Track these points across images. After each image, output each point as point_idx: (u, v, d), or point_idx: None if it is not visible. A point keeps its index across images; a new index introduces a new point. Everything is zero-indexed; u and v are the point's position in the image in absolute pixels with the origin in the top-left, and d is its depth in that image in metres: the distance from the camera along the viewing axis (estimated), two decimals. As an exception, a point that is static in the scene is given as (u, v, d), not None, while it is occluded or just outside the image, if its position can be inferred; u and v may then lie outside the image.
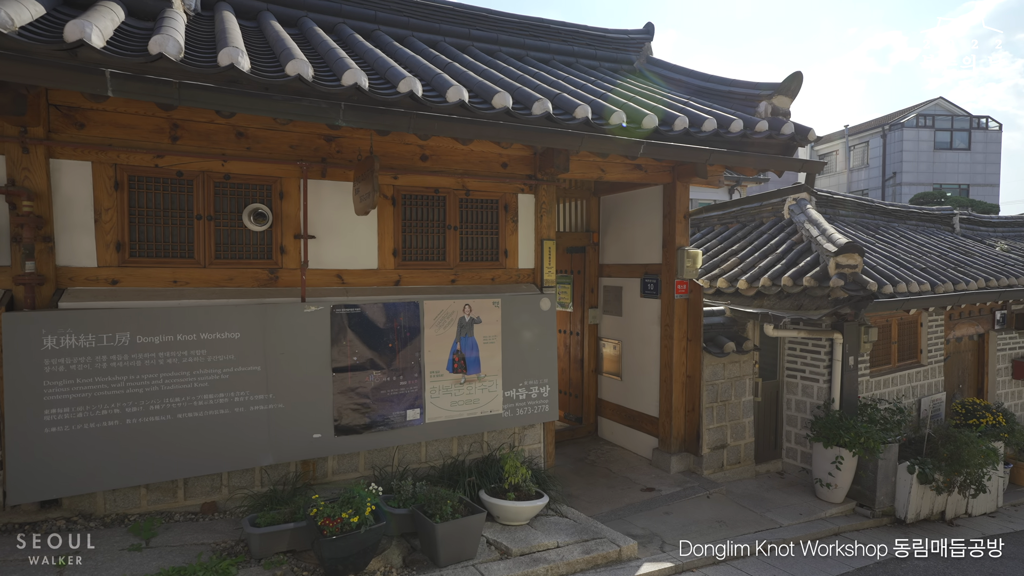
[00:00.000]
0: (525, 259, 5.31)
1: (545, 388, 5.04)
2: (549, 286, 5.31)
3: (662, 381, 6.34)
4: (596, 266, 7.39)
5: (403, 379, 4.43)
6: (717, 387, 6.24)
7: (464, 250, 5.04)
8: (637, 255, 6.77)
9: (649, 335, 6.57)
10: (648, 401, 6.61)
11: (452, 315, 4.64)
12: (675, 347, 6.15)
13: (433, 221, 4.91)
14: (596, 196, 7.35)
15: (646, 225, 6.61)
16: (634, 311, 6.83)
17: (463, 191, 5.01)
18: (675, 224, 6.12)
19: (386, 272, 4.69)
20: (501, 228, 5.18)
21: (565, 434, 7.30)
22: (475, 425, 4.75)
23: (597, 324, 7.42)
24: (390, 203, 4.69)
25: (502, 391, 4.84)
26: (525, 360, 4.95)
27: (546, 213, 5.32)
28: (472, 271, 5.04)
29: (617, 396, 7.15)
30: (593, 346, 7.42)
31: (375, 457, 4.57)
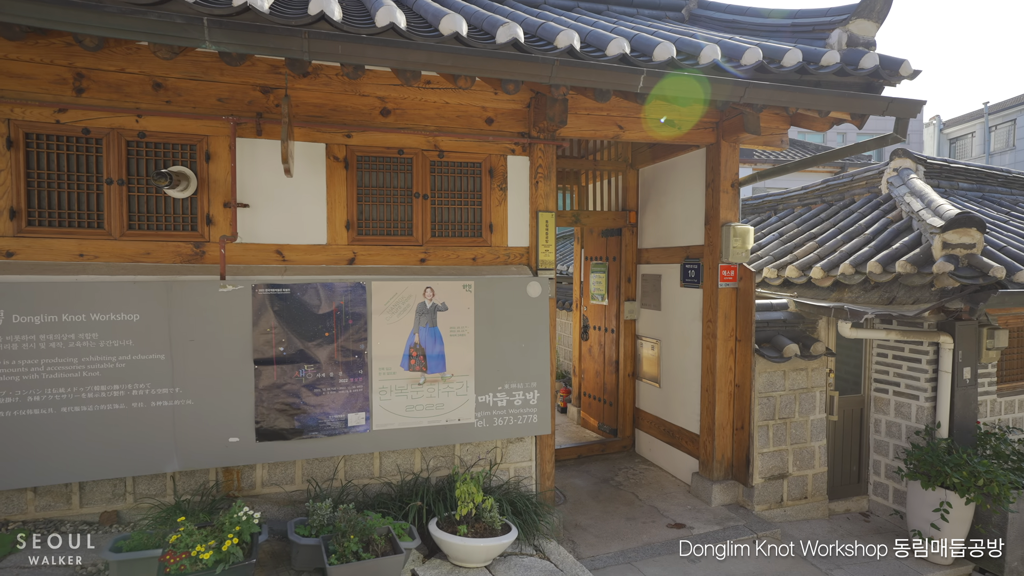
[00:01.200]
0: (516, 235, 4.36)
1: (533, 394, 4.06)
2: (547, 268, 4.32)
3: (703, 390, 5.12)
4: (633, 251, 6.25)
5: (344, 376, 3.65)
6: (775, 400, 4.92)
7: (437, 224, 4.18)
8: (677, 236, 5.57)
9: (690, 333, 5.36)
10: (688, 414, 5.39)
11: (409, 300, 3.80)
12: (719, 348, 4.92)
13: (397, 189, 4.10)
14: (634, 168, 6.22)
15: (687, 199, 5.40)
16: (673, 304, 5.64)
17: (435, 152, 4.15)
18: (719, 195, 4.88)
19: (337, 249, 3.94)
20: (485, 198, 4.27)
21: (595, 448, 6.22)
22: (439, 436, 3.87)
23: (635, 320, 6.27)
24: (342, 166, 3.93)
25: (474, 396, 3.93)
26: (506, 359, 4.01)
27: (543, 179, 4.34)
28: (447, 249, 4.17)
29: (655, 406, 5.97)
30: (630, 346, 6.28)
31: (315, 469, 3.83)
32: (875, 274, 4.77)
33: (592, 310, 6.88)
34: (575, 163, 6.00)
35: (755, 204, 8.56)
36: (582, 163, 6.03)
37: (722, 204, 4.89)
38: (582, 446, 6.20)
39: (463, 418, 3.90)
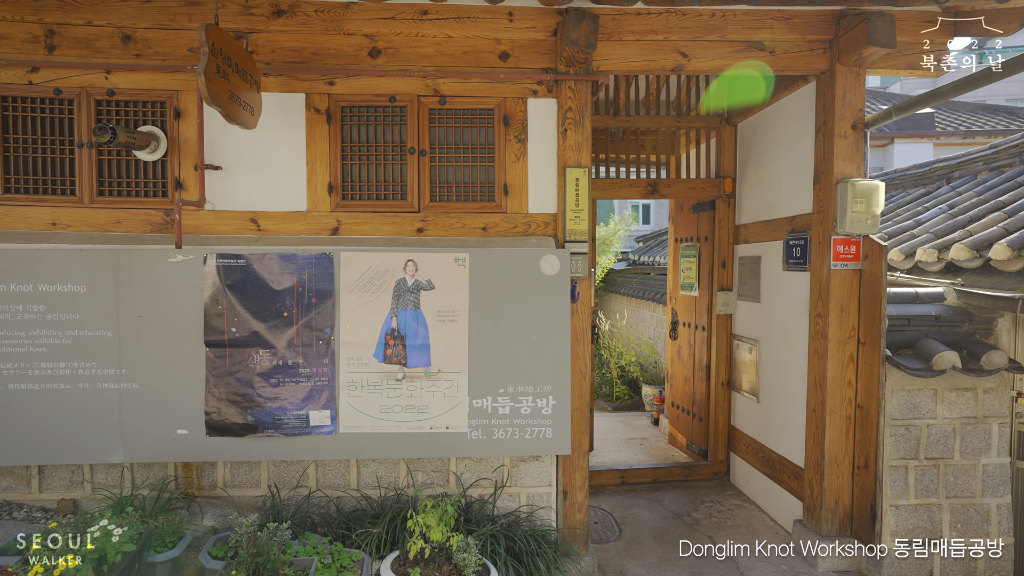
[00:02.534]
0: (539, 199, 3.45)
1: (546, 401, 3.14)
2: (577, 240, 3.36)
3: (809, 410, 3.76)
4: (729, 228, 4.95)
5: (305, 365, 3.05)
6: (919, 432, 3.43)
7: (438, 186, 3.43)
8: (781, 204, 4.23)
9: (794, 333, 4.01)
10: (791, 439, 4.05)
11: (386, 275, 3.09)
12: (831, 354, 3.55)
13: (389, 144, 3.42)
14: (730, 124, 4.92)
15: (793, 153, 4.06)
16: (775, 293, 4.30)
17: (435, 98, 3.40)
18: (833, 141, 3.52)
19: (318, 217, 3.36)
20: (499, 152, 3.43)
21: (676, 472, 5.04)
22: (420, 446, 3.11)
23: (730, 315, 4.97)
24: (323, 119, 3.35)
25: (467, 398, 3.11)
26: (510, 354, 3.13)
27: (574, 126, 3.38)
28: (450, 216, 3.41)
29: (753, 425, 4.64)
30: (725, 348, 4.99)
31: (282, 472, 3.28)
32: (1097, 249, 3.10)
33: (682, 303, 5.66)
34: (651, 120, 4.88)
35: (920, 174, 6.62)
36: (662, 120, 4.89)
37: (837, 153, 3.52)
38: (659, 468, 5.05)
39: (452, 426, 3.10)
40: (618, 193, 4.83)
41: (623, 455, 5.72)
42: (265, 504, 3.24)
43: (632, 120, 4.89)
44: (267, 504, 3.23)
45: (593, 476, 4.93)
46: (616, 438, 6.33)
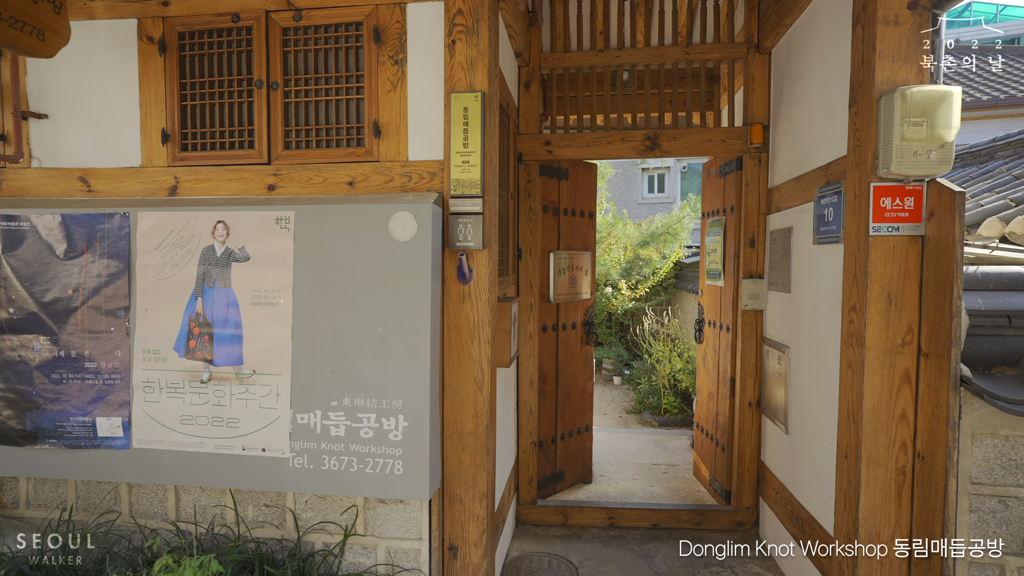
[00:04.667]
0: (423, 142, 2.51)
1: (395, 421, 2.19)
2: (466, 195, 2.38)
3: (840, 454, 2.46)
4: (760, 193, 3.65)
5: (92, 357, 2.36)
6: None
7: (294, 130, 2.61)
8: (814, 150, 2.92)
9: (826, 336, 2.71)
10: (821, 493, 2.74)
11: (190, 241, 2.32)
12: (870, 370, 2.25)
13: (235, 79, 2.64)
14: (762, 52, 3.60)
15: (829, 70, 2.75)
16: (805, 279, 3.00)
17: (289, 12, 2.58)
18: (875, 31, 2.22)
19: (153, 173, 2.67)
20: (368, 79, 2.54)
21: (683, 517, 3.81)
22: (230, 472, 2.30)
23: (760, 311, 3.66)
24: (156, 50, 2.65)
25: (290, 412, 2.25)
26: (348, 351, 2.23)
27: (465, 36, 2.41)
28: (308, 169, 2.57)
29: (782, 466, 3.33)
30: (753, 356, 3.69)
31: (92, 493, 2.62)
32: None
33: (708, 296, 4.37)
34: (650, 54, 3.69)
35: None
36: (665, 53, 3.68)
37: (881, 50, 2.21)
38: (662, 510, 3.85)
39: (270, 447, 2.26)
40: (606, 151, 3.71)
41: (635, 486, 4.55)
42: (73, 528, 2.61)
43: (625, 55, 3.74)
44: (73, 529, 2.59)
45: (575, 513, 3.86)
46: (637, 463, 5.14)
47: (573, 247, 4.22)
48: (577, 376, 4.32)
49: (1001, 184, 4.51)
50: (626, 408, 7.61)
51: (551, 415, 4.13)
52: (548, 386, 4.09)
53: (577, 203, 4.24)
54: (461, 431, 2.45)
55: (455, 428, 2.46)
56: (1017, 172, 4.59)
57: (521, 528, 3.84)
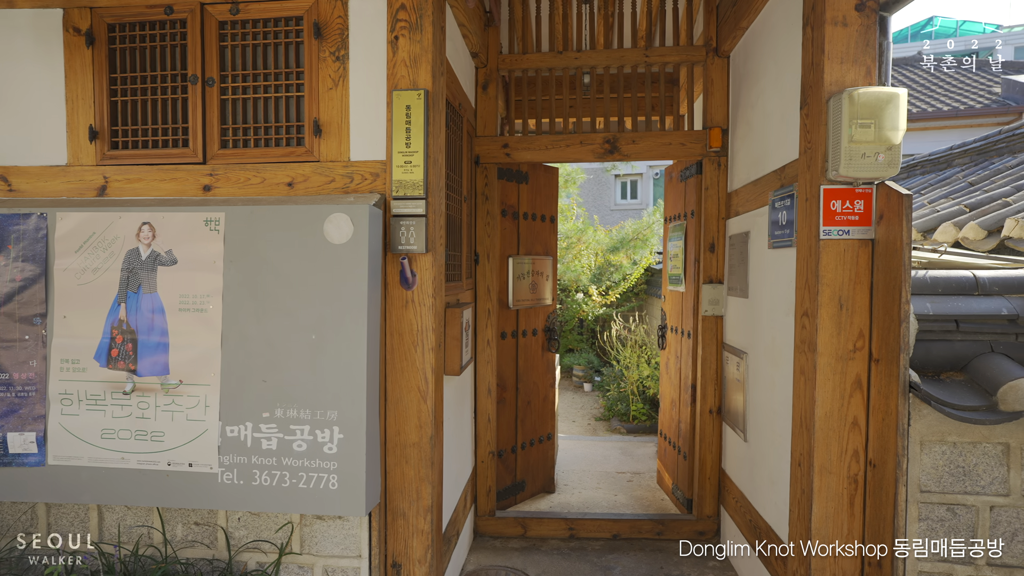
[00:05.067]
0: (366, 142, 2.41)
1: (330, 433, 2.07)
2: (408, 197, 2.28)
3: (794, 463, 2.42)
4: (719, 197, 3.62)
5: (5, 367, 2.19)
6: (976, 517, 2.01)
7: (231, 128, 2.48)
8: (769, 153, 2.90)
9: (781, 343, 2.68)
10: (778, 502, 2.70)
11: (113, 244, 2.18)
12: (822, 376, 2.21)
13: (168, 74, 2.51)
14: (720, 56, 3.58)
15: (783, 72, 2.73)
16: (761, 283, 2.97)
17: (226, 4, 2.46)
18: (824, 32, 2.19)
19: (81, 172, 2.52)
20: (309, 76, 2.43)
21: (644, 527, 3.74)
22: (154, 489, 2.16)
23: (720, 316, 3.62)
24: (83, 42, 2.51)
25: (219, 424, 2.12)
26: (280, 360, 2.10)
27: (408, 32, 2.32)
28: (246, 169, 2.45)
29: (741, 474, 3.29)
30: (713, 362, 3.65)
31: (5, 515, 2.44)
32: None
33: (670, 301, 4.33)
34: (609, 56, 3.64)
35: (979, 148, 4.88)
36: (624, 55, 3.64)
37: (830, 51, 2.18)
38: (623, 520, 3.77)
39: (197, 462, 2.12)
40: (564, 154, 3.65)
41: (599, 495, 4.47)
42: None
43: (584, 57, 3.69)
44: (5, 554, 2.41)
45: (534, 524, 3.76)
46: (603, 471, 5.07)
47: (533, 252, 4.14)
48: (538, 384, 4.24)
49: (957, 191, 4.58)
50: (595, 415, 7.55)
51: (511, 424, 4.03)
52: (508, 394, 3.99)
53: (537, 207, 4.17)
54: (404, 442, 2.35)
55: (398, 439, 2.35)
56: (972, 179, 4.67)
57: (479, 541, 3.73)
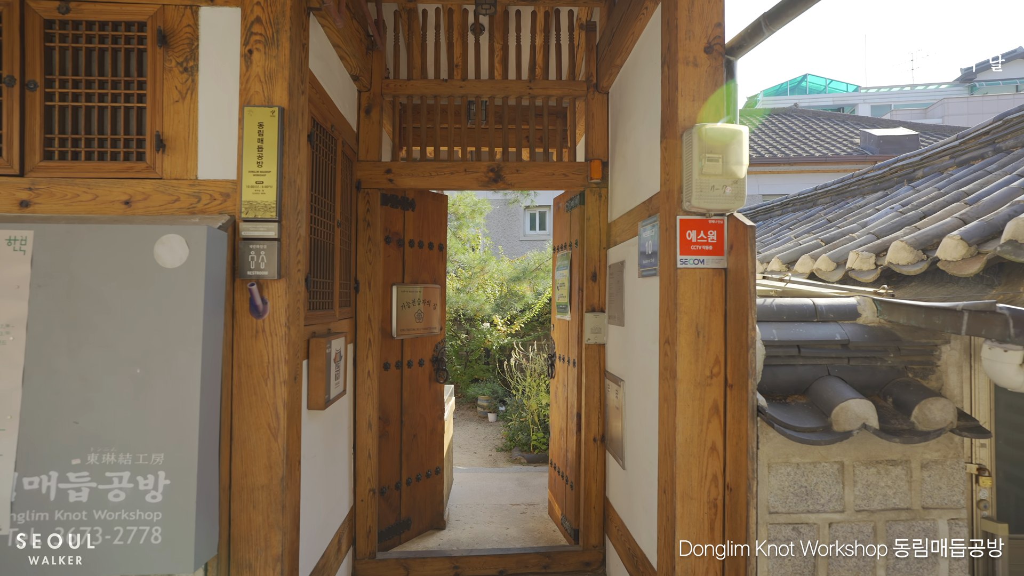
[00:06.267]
0: (216, 160, 2.23)
1: (155, 479, 1.83)
2: (260, 219, 2.12)
3: (660, 490, 2.43)
4: (601, 227, 3.71)
5: None
6: (817, 534, 2.10)
7: (57, 138, 2.22)
8: (640, 184, 3.00)
9: (650, 369, 2.73)
10: (650, 527, 2.71)
11: None
12: (682, 402, 2.25)
13: (-19, 71, 2.23)
14: (600, 91, 3.72)
15: (649, 107, 2.85)
16: (634, 311, 3.04)
17: (54, 2, 2.23)
18: (677, 71, 2.30)
19: None
20: (152, 87, 2.23)
21: (530, 561, 3.65)
22: (-72, 559, 1.80)
23: (602, 344, 3.67)
24: None
25: (14, 475, 1.81)
26: (98, 398, 1.85)
27: (263, 47, 2.19)
28: (73, 185, 2.19)
29: (621, 501, 3.30)
30: (597, 390, 3.68)
31: None
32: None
33: (558, 330, 4.37)
34: (495, 86, 3.69)
35: (879, 176, 5.43)
36: (509, 86, 3.70)
37: (683, 89, 2.29)
38: (509, 555, 3.66)
39: (-15, 524, 1.80)
40: (449, 181, 3.61)
41: (491, 529, 4.34)
42: None
43: (469, 86, 3.70)
44: None
45: (417, 565, 3.57)
46: (496, 504, 4.95)
47: (420, 280, 4.04)
48: (426, 416, 4.09)
49: (818, 227, 4.98)
50: (496, 446, 7.44)
51: (395, 459, 3.84)
52: (392, 428, 3.81)
53: (425, 235, 4.09)
54: (252, 485, 2.13)
55: (244, 482, 2.13)
56: (830, 216, 5.11)
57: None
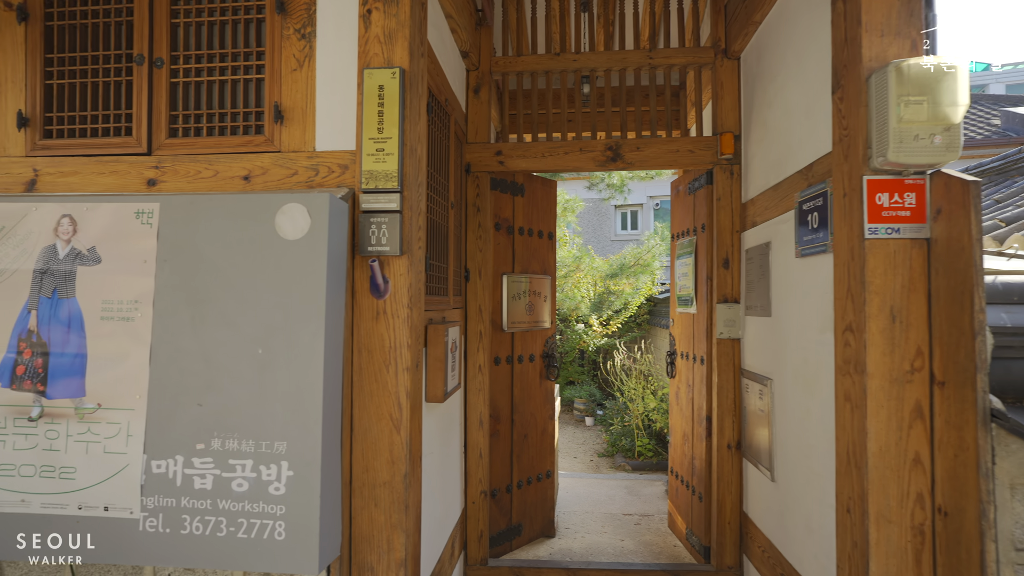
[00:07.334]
0: (334, 130, 2.10)
1: (278, 469, 1.69)
2: (380, 190, 1.95)
3: (841, 509, 2.01)
4: (732, 208, 3.30)
5: None
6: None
7: (181, 115, 2.17)
8: (792, 152, 2.58)
9: (815, 364, 2.30)
10: (818, 552, 2.28)
11: (26, 240, 1.83)
12: (874, 402, 1.84)
13: (111, 52, 2.22)
14: (730, 57, 3.32)
15: (806, 60, 2.44)
16: (787, 298, 2.61)
17: (179, -22, 2.18)
18: (859, 7, 1.90)
19: (7, 163, 2.20)
20: (271, 56, 2.13)
21: (660, 580, 3.28)
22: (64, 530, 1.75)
23: (737, 339, 3.26)
24: (14, 17, 2.22)
25: (143, 458, 1.73)
26: (220, 379, 1.73)
27: (383, 5, 2.03)
28: (196, 161, 2.13)
29: (768, 518, 2.86)
30: (731, 391, 3.26)
31: None
32: None
33: (679, 325, 3.97)
34: (610, 59, 3.38)
35: None
36: (626, 57, 3.38)
37: (868, 22, 1.88)
38: (631, 571, 3.32)
39: (115, 505, 1.73)
40: (563, 162, 3.35)
41: (604, 540, 4.02)
42: None
43: (583, 59, 3.43)
44: None
45: (531, 575, 3.31)
46: (606, 512, 4.62)
47: (530, 270, 3.80)
48: (536, 415, 3.84)
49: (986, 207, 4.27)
50: (598, 451, 7.08)
51: (505, 460, 3.61)
52: (502, 426, 3.59)
53: (534, 222, 3.85)
54: (373, 481, 1.96)
55: (365, 478, 1.96)
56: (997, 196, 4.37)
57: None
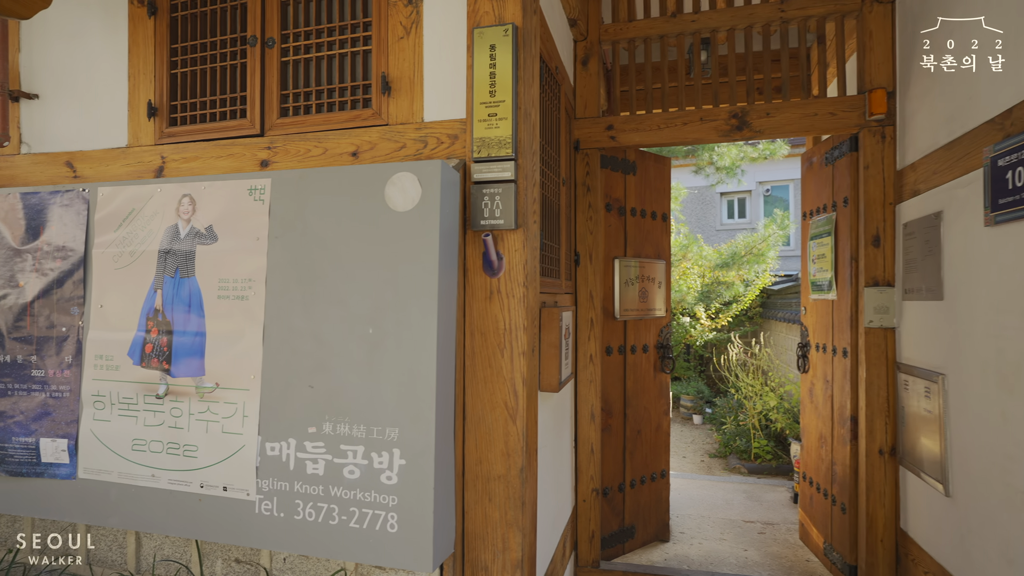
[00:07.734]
0: (442, 98, 1.98)
1: (390, 457, 1.58)
2: (493, 158, 1.80)
3: (1061, 534, 1.60)
4: (885, 177, 2.84)
5: (40, 363, 1.93)
6: None
7: (291, 94, 2.15)
8: (980, 97, 2.13)
9: (1016, 355, 1.87)
10: (1020, 593, 1.85)
11: (152, 220, 1.87)
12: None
13: (227, 36, 2.24)
14: (880, 2, 2.85)
15: (1000, -17, 1.99)
16: (970, 278, 2.16)
17: (290, -45, 2.16)
18: None
19: (139, 153, 2.30)
20: (378, 25, 2.05)
21: (795, 599, 2.91)
22: (183, 516, 1.77)
23: (890, 328, 2.80)
24: (144, 12, 2.31)
25: (257, 439, 1.70)
26: (329, 360, 1.66)
27: (495, -42, 1.87)
28: (305, 140, 2.10)
29: (940, 540, 2.42)
30: (883, 388, 2.82)
31: (48, 531, 2.16)
32: None
33: (813, 313, 3.52)
34: (733, 15, 3.02)
35: None
36: (753, 12, 3.00)
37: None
38: (761, 588, 2.97)
39: (232, 485, 1.71)
40: (681, 133, 3.05)
41: (724, 548, 3.68)
42: None
43: (702, 19, 3.10)
44: None
45: (646, 584, 3.07)
46: (725, 518, 4.25)
47: (643, 254, 3.53)
48: (650, 410, 3.57)
49: None
50: (709, 451, 6.63)
51: (618, 456, 3.38)
52: (614, 421, 3.36)
53: (647, 202, 3.57)
54: (487, 475, 1.82)
55: (479, 470, 1.82)
56: None
57: (579, 599, 3.09)
